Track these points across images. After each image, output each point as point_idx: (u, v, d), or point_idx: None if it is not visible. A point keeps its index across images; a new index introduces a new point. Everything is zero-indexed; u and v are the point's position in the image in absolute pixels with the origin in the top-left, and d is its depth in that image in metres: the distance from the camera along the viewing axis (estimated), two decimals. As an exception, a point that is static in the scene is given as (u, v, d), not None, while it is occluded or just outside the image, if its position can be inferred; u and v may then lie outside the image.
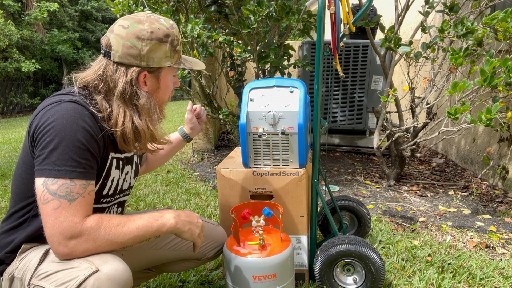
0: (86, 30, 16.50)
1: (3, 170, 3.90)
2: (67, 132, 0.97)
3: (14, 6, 12.68)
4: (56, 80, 15.24)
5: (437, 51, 3.05)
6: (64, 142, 0.96)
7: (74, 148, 0.97)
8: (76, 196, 0.97)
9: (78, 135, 0.98)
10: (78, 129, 0.99)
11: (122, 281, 0.94)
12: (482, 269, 1.86)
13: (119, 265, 0.96)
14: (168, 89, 1.20)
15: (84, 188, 0.99)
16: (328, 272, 1.54)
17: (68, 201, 0.95)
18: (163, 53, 1.11)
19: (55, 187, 0.95)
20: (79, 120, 1.00)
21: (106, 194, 1.18)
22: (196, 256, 1.41)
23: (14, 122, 10.64)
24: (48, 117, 0.99)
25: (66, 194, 0.95)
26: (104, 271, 0.93)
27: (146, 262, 1.38)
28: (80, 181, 0.98)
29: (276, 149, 1.58)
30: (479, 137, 3.59)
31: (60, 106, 1.01)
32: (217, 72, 4.26)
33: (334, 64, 1.63)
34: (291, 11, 2.76)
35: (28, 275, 0.99)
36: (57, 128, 0.97)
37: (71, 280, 0.92)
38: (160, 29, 1.10)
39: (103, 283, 0.91)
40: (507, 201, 2.86)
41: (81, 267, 0.94)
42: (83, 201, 0.98)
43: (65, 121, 0.98)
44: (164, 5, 3.45)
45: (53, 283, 0.94)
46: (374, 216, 2.53)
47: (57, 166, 0.96)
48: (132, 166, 1.28)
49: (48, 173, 0.95)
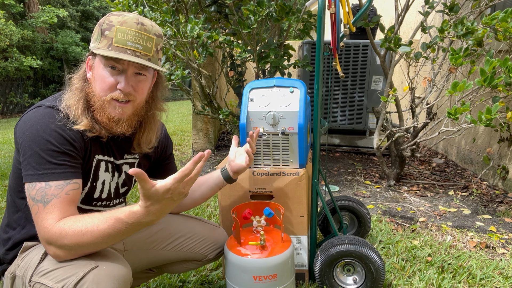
0: (87, 30, 16.50)
1: (3, 170, 3.90)
2: (40, 137, 1.01)
3: (16, 6, 12.69)
4: (57, 80, 15.24)
5: (437, 51, 3.05)
6: (39, 147, 1.00)
7: (49, 152, 1.00)
8: (50, 198, 0.98)
9: (51, 139, 1.01)
10: (50, 133, 1.02)
11: (122, 276, 0.95)
12: (482, 269, 1.86)
13: (118, 262, 0.97)
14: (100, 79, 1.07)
15: (60, 189, 1.00)
16: (328, 272, 1.54)
17: (43, 205, 0.98)
18: (93, 36, 1.10)
19: (34, 192, 0.99)
20: (51, 124, 1.03)
21: (99, 197, 1.18)
22: (196, 258, 1.41)
23: (14, 122, 10.64)
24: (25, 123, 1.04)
25: (42, 197, 0.98)
26: (103, 267, 0.94)
27: (147, 262, 1.38)
28: (56, 182, 1.00)
29: (276, 149, 1.58)
30: (479, 137, 3.59)
31: (37, 112, 1.05)
32: (217, 72, 4.26)
33: (334, 64, 1.63)
34: (291, 11, 2.76)
35: (29, 273, 1.00)
36: (32, 134, 1.01)
37: (71, 276, 0.93)
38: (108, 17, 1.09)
39: (102, 279, 0.92)
40: (507, 201, 2.86)
41: (80, 264, 0.95)
42: (57, 202, 0.98)
43: (38, 126, 1.02)
44: (164, 5, 3.45)
45: (53, 280, 0.95)
46: (374, 216, 2.53)
47: (36, 170, 1.00)
48: (120, 174, 1.26)
49: (30, 178, 1.00)
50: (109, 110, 1.09)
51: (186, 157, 4.37)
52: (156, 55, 1.12)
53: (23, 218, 1.11)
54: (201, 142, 4.42)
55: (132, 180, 1.33)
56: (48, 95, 12.77)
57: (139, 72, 1.10)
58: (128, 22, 1.06)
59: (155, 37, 1.10)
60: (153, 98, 1.22)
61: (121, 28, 1.05)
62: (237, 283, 1.32)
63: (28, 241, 1.10)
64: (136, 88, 1.10)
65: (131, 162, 1.29)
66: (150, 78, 1.16)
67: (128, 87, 1.08)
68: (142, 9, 3.17)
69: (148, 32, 1.08)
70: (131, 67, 1.07)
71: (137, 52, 1.06)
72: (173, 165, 1.46)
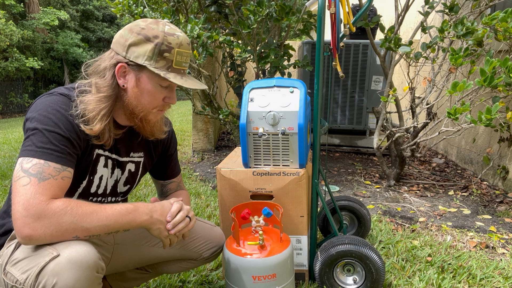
0: (87, 30, 16.51)
1: (3, 170, 3.90)
2: (50, 119, 1.02)
3: (17, 7, 12.71)
4: (57, 80, 15.25)
5: (437, 51, 3.05)
6: (45, 128, 1.01)
7: (54, 134, 1.01)
8: (47, 176, 0.97)
9: (59, 123, 1.03)
10: (60, 117, 1.03)
11: (85, 262, 0.92)
12: (482, 269, 1.86)
13: (81, 248, 0.94)
14: (150, 95, 1.13)
15: (57, 172, 0.99)
16: (328, 272, 1.54)
17: (38, 180, 0.95)
18: (143, 51, 1.09)
19: (28, 165, 0.97)
20: (62, 110, 1.05)
21: (95, 193, 1.18)
22: (191, 256, 1.40)
23: (14, 122, 10.64)
24: (36, 106, 1.05)
25: (38, 173, 0.96)
26: (64, 254, 0.91)
27: (139, 260, 1.36)
28: (55, 164, 0.99)
29: (276, 149, 1.58)
30: (479, 137, 3.59)
31: (50, 97, 1.07)
32: (217, 72, 4.26)
33: (334, 64, 1.63)
34: (291, 11, 2.76)
35: (5, 261, 1.00)
36: (41, 116, 1.02)
37: (33, 267, 0.92)
38: (153, 29, 1.10)
39: (64, 267, 0.90)
40: (507, 201, 2.86)
41: (43, 253, 0.93)
42: (55, 183, 0.98)
43: (49, 109, 1.03)
44: (164, 5, 3.45)
45: (20, 270, 0.95)
46: (374, 216, 2.53)
47: (36, 147, 0.99)
48: (123, 172, 1.26)
49: (27, 153, 0.99)
50: (150, 117, 1.18)
51: (186, 157, 4.37)
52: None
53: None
54: (201, 142, 4.42)
55: (136, 179, 1.33)
56: (48, 95, 12.70)
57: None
58: (183, 44, 1.13)
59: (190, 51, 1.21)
60: None
61: (180, 51, 1.12)
62: (236, 283, 1.32)
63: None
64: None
65: (137, 161, 1.30)
66: None
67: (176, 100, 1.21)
68: (142, 9, 3.18)
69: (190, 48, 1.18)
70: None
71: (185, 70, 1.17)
72: (175, 166, 1.46)
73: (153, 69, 1.09)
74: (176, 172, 1.47)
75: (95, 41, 16.38)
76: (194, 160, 4.18)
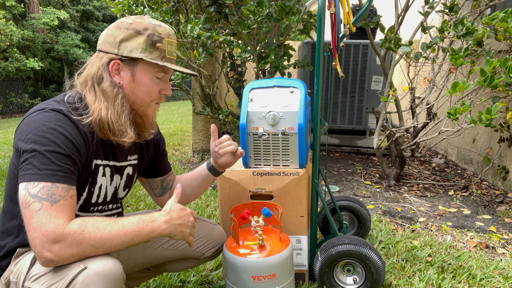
0: (87, 30, 16.51)
1: (3, 170, 3.91)
2: (48, 139, 0.98)
3: (17, 7, 12.71)
4: (57, 80, 15.25)
5: (437, 51, 3.05)
6: (45, 149, 0.97)
7: (55, 154, 0.98)
8: (58, 198, 0.96)
9: (58, 142, 0.99)
10: (58, 136, 1.00)
11: (112, 275, 0.94)
12: (482, 270, 1.86)
13: (107, 260, 0.95)
14: (147, 87, 1.13)
15: (66, 191, 0.98)
16: (328, 272, 1.54)
17: (50, 203, 0.94)
18: (136, 44, 1.09)
19: (36, 190, 0.94)
20: (59, 128, 1.01)
21: (95, 202, 1.17)
22: (194, 256, 1.41)
23: (14, 122, 10.64)
24: (29, 126, 1.01)
25: (48, 196, 0.94)
26: (92, 267, 0.92)
27: (144, 261, 1.37)
28: (62, 185, 0.97)
29: (276, 149, 1.58)
30: (479, 137, 3.59)
31: (42, 115, 1.02)
32: (217, 72, 4.26)
33: (334, 65, 1.63)
34: (291, 11, 2.76)
35: (22, 278, 1.00)
36: (38, 136, 0.98)
37: (61, 280, 0.92)
38: (141, 22, 1.11)
39: (93, 279, 0.91)
40: (507, 201, 2.86)
41: (69, 267, 0.93)
42: (66, 203, 0.97)
43: (45, 128, 0.99)
44: (164, 5, 3.45)
45: (44, 284, 0.94)
46: (374, 216, 2.53)
47: (38, 170, 0.96)
48: (122, 177, 1.25)
49: (30, 177, 0.95)
50: (149, 111, 1.18)
51: (186, 157, 4.37)
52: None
53: (17, 226, 1.09)
54: (201, 142, 4.42)
55: (133, 182, 1.32)
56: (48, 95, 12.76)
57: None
58: (171, 34, 1.16)
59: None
60: None
61: (170, 41, 1.15)
62: (236, 283, 1.32)
63: (23, 247, 1.08)
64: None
65: (134, 164, 1.29)
66: None
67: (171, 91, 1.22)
68: (142, 9, 3.17)
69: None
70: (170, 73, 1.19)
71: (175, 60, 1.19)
72: (167, 163, 1.46)
73: (150, 60, 1.10)
74: (169, 166, 1.48)
75: (95, 41, 16.38)
76: (194, 160, 4.18)
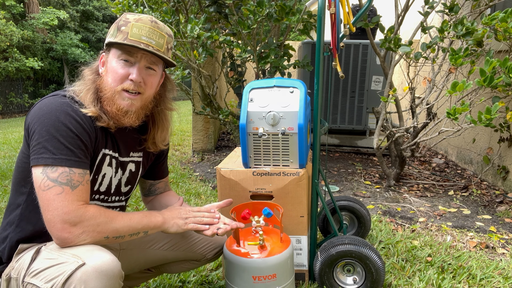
0: (87, 30, 16.50)
1: (3, 170, 3.90)
2: (60, 123, 1.02)
3: (17, 7, 12.70)
4: (57, 80, 15.24)
5: (437, 51, 3.05)
6: (58, 133, 1.01)
7: (68, 138, 1.02)
8: (77, 183, 1.01)
9: (70, 126, 1.03)
10: (69, 120, 1.04)
11: (110, 271, 0.95)
12: (482, 270, 1.86)
13: (105, 256, 0.96)
14: (112, 72, 1.12)
15: (82, 177, 1.04)
16: (328, 272, 1.54)
17: (70, 188, 1.00)
18: (110, 32, 1.15)
19: (55, 174, 0.99)
20: (70, 112, 1.05)
21: (97, 190, 1.19)
22: (195, 257, 1.41)
23: (14, 122, 10.64)
24: (41, 109, 1.05)
25: (68, 181, 1.00)
26: (90, 263, 0.93)
27: (145, 262, 1.37)
28: (79, 170, 1.03)
29: (276, 149, 1.58)
30: (479, 137, 3.59)
31: (55, 99, 1.07)
32: (217, 72, 4.26)
33: (334, 65, 1.63)
34: (291, 11, 2.76)
35: (22, 274, 1.01)
36: (50, 120, 1.02)
37: (59, 276, 0.93)
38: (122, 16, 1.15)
39: (90, 275, 0.92)
40: (507, 201, 2.86)
41: (68, 262, 0.94)
42: (83, 188, 1.03)
43: (57, 113, 1.03)
44: (164, 5, 3.45)
45: (43, 280, 0.96)
46: (374, 216, 2.53)
47: (53, 154, 1.00)
48: (124, 172, 1.27)
49: (45, 161, 0.99)
50: (118, 100, 1.13)
51: (186, 157, 4.37)
52: (167, 53, 1.19)
53: (18, 215, 1.12)
54: (201, 142, 4.42)
55: (136, 179, 1.33)
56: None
57: (149, 66, 1.16)
58: (143, 19, 1.14)
59: (166, 35, 1.18)
60: (161, 96, 1.28)
61: (136, 24, 1.12)
62: (236, 283, 1.32)
63: (23, 242, 1.10)
64: (146, 81, 1.16)
65: (137, 161, 1.30)
66: (159, 75, 1.22)
67: (139, 77, 1.13)
68: (142, 9, 3.17)
69: (161, 30, 1.16)
70: (143, 60, 1.14)
71: (149, 46, 1.12)
72: (166, 167, 1.47)
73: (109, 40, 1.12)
74: (166, 172, 1.49)
75: (95, 41, 16.36)
76: (194, 160, 4.18)
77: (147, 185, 1.46)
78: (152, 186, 1.46)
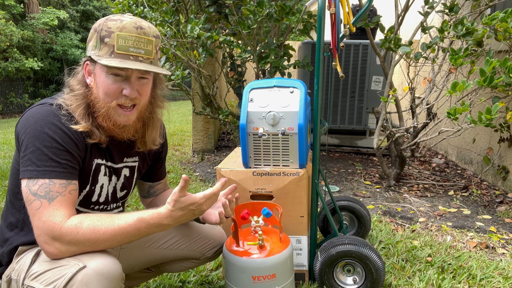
0: (87, 30, 16.51)
1: (3, 170, 3.91)
2: (45, 134, 1.00)
3: (17, 7, 12.70)
4: (57, 80, 15.25)
5: (437, 51, 3.05)
6: (41, 144, 0.99)
7: (53, 149, 1.00)
8: (55, 195, 0.98)
9: (55, 137, 1.01)
10: (56, 130, 1.01)
11: (111, 273, 0.94)
12: (482, 270, 1.86)
13: (106, 259, 0.96)
14: (103, 87, 1.06)
15: (64, 187, 1.00)
16: (328, 272, 1.54)
17: (47, 201, 0.97)
18: (93, 43, 1.08)
19: (35, 187, 0.97)
20: (56, 122, 1.03)
21: (96, 201, 1.18)
22: (194, 256, 1.41)
23: (14, 122, 10.64)
24: (28, 119, 1.03)
25: (46, 193, 0.97)
26: (91, 266, 0.93)
27: (145, 261, 1.37)
28: (60, 181, 1.00)
29: (276, 150, 1.58)
30: (479, 137, 3.59)
31: (41, 109, 1.05)
32: (217, 72, 4.26)
33: (334, 65, 1.63)
34: (291, 11, 2.76)
35: (22, 276, 1.01)
36: (37, 131, 1.00)
37: (60, 279, 0.93)
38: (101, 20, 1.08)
39: (91, 278, 0.92)
40: (507, 201, 2.86)
41: (68, 265, 0.94)
42: (63, 199, 0.99)
43: (42, 123, 1.01)
44: (164, 5, 3.45)
45: (43, 283, 0.95)
46: (374, 217, 2.53)
47: (37, 166, 0.98)
48: (119, 178, 1.25)
49: (29, 173, 0.98)
50: (115, 117, 1.10)
51: (186, 157, 4.37)
52: (156, 56, 1.13)
53: (21, 220, 1.11)
54: (201, 142, 4.42)
55: (132, 183, 1.32)
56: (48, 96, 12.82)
57: (142, 76, 1.10)
58: (127, 27, 1.05)
59: (154, 39, 1.10)
60: (154, 97, 1.23)
61: (121, 34, 1.04)
62: (236, 283, 1.32)
63: (25, 245, 1.09)
64: (140, 91, 1.11)
65: (131, 166, 1.29)
66: (151, 80, 1.18)
67: (134, 92, 1.09)
68: (142, 9, 3.18)
69: (148, 35, 1.09)
70: (135, 72, 1.08)
71: (139, 57, 1.06)
72: (163, 169, 1.46)
73: (97, 59, 1.04)
74: (164, 174, 1.48)
75: (95, 41, 16.39)
76: (194, 160, 4.18)
77: (146, 187, 1.45)
78: (151, 188, 1.46)
